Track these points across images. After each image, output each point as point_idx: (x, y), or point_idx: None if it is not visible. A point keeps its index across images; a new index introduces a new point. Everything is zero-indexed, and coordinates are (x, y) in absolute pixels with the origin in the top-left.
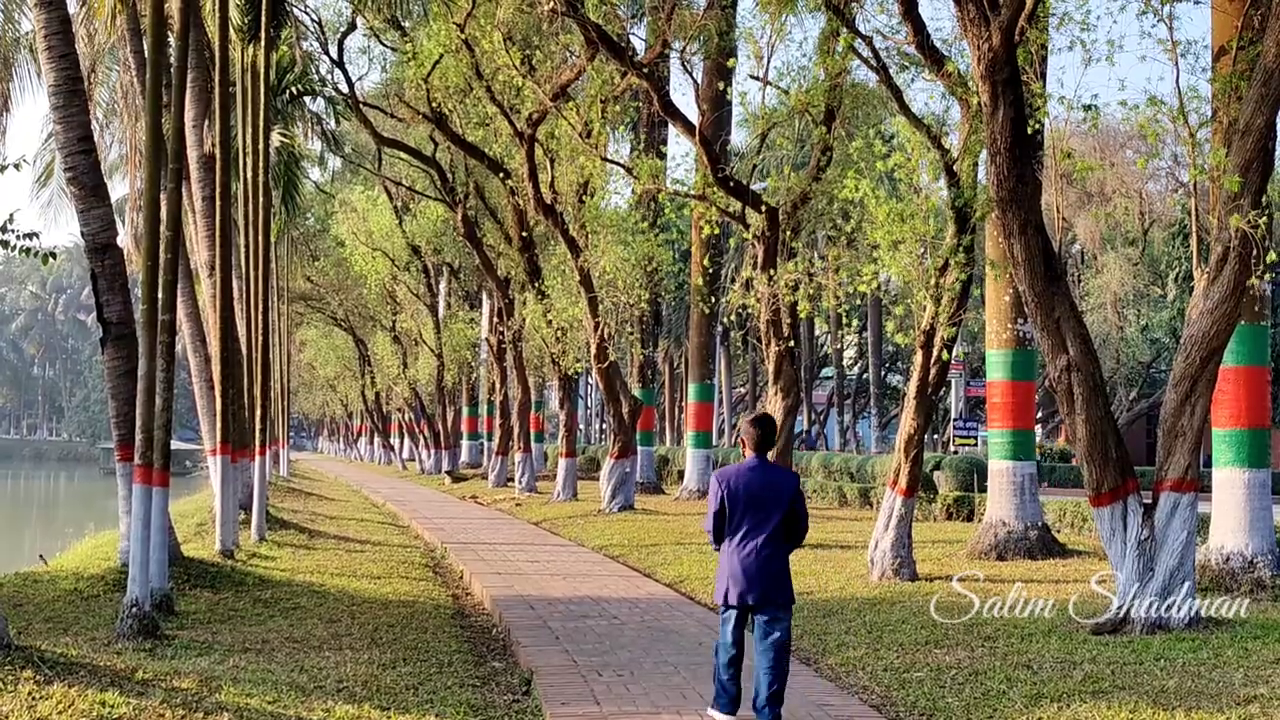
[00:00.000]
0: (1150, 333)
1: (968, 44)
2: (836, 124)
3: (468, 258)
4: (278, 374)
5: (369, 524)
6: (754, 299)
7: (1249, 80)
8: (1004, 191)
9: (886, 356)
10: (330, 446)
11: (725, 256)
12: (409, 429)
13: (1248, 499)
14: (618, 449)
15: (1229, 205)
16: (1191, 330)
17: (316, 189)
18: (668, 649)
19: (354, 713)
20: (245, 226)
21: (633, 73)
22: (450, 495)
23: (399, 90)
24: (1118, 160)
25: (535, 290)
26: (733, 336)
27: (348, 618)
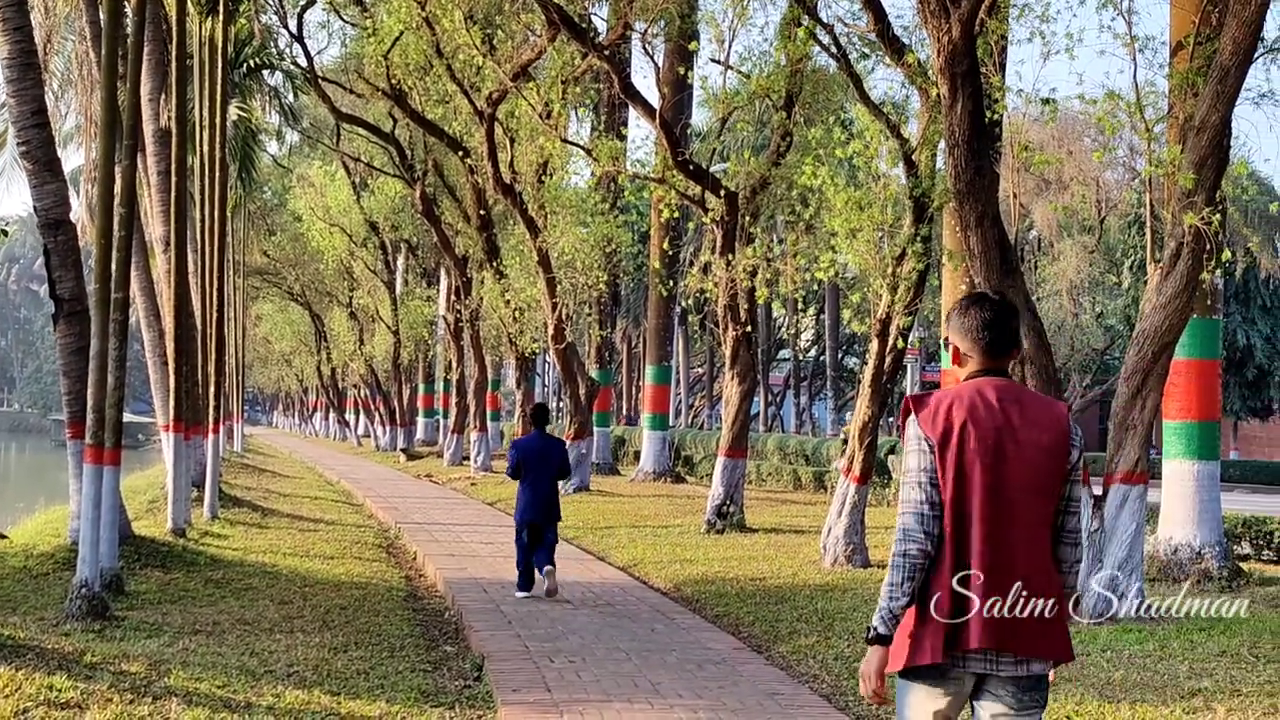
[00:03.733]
0: (1105, 320)
1: (928, 35)
2: (797, 110)
3: (426, 235)
4: (233, 349)
5: (323, 502)
6: (712, 283)
7: (1205, 77)
8: (961, 184)
9: (843, 340)
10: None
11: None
12: (364, 405)
13: (1197, 491)
14: (574, 430)
15: (1183, 201)
16: (1144, 325)
17: (274, 163)
18: (620, 635)
19: (304, 698)
20: (201, 200)
21: (594, 54)
22: (405, 473)
23: (358, 66)
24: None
25: (493, 269)
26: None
27: (300, 599)
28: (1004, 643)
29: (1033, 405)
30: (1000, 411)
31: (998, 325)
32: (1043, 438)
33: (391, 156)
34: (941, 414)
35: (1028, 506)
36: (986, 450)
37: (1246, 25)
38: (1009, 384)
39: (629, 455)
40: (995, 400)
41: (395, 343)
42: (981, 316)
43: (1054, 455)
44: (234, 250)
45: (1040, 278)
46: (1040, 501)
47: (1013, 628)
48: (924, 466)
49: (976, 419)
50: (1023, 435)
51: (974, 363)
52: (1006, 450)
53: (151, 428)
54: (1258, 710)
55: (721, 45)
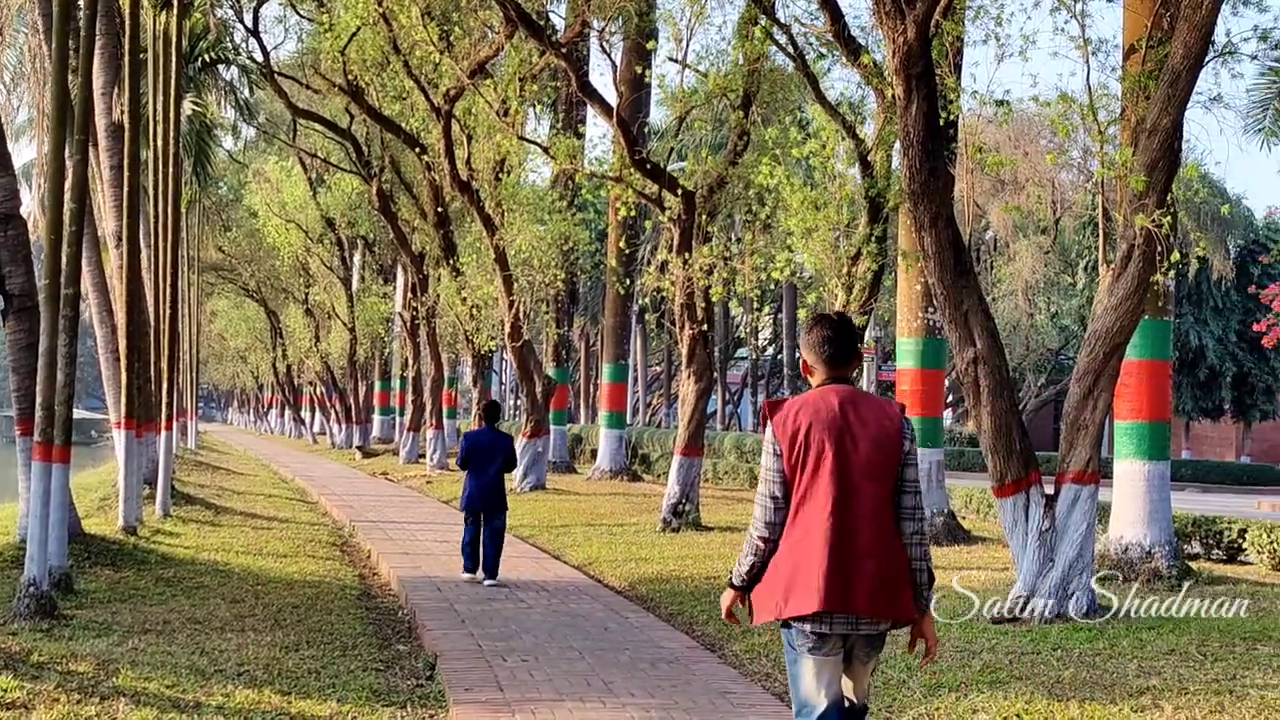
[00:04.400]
0: (1060, 320)
1: (883, 36)
2: (754, 109)
3: (382, 232)
4: (187, 345)
5: (277, 500)
6: (669, 282)
7: (1157, 80)
8: (915, 185)
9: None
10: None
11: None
12: (320, 403)
13: (1147, 491)
14: (530, 428)
15: (1134, 203)
16: (1096, 325)
17: (230, 158)
18: (574, 634)
19: (254, 698)
20: (155, 196)
21: (551, 52)
22: (360, 471)
23: (315, 61)
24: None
25: (450, 267)
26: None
27: (252, 598)
28: (851, 605)
29: (868, 407)
30: (840, 414)
31: (837, 341)
32: (877, 433)
33: (348, 152)
34: (791, 418)
35: (869, 490)
36: (830, 446)
37: (1197, 29)
38: (849, 390)
39: (586, 453)
40: (837, 404)
41: (351, 340)
42: (823, 334)
43: (887, 447)
44: (188, 246)
45: (996, 278)
46: (879, 486)
47: (857, 588)
48: (774, 467)
49: (820, 421)
50: (859, 432)
51: (820, 374)
52: (846, 445)
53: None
54: (1205, 708)
55: (679, 44)
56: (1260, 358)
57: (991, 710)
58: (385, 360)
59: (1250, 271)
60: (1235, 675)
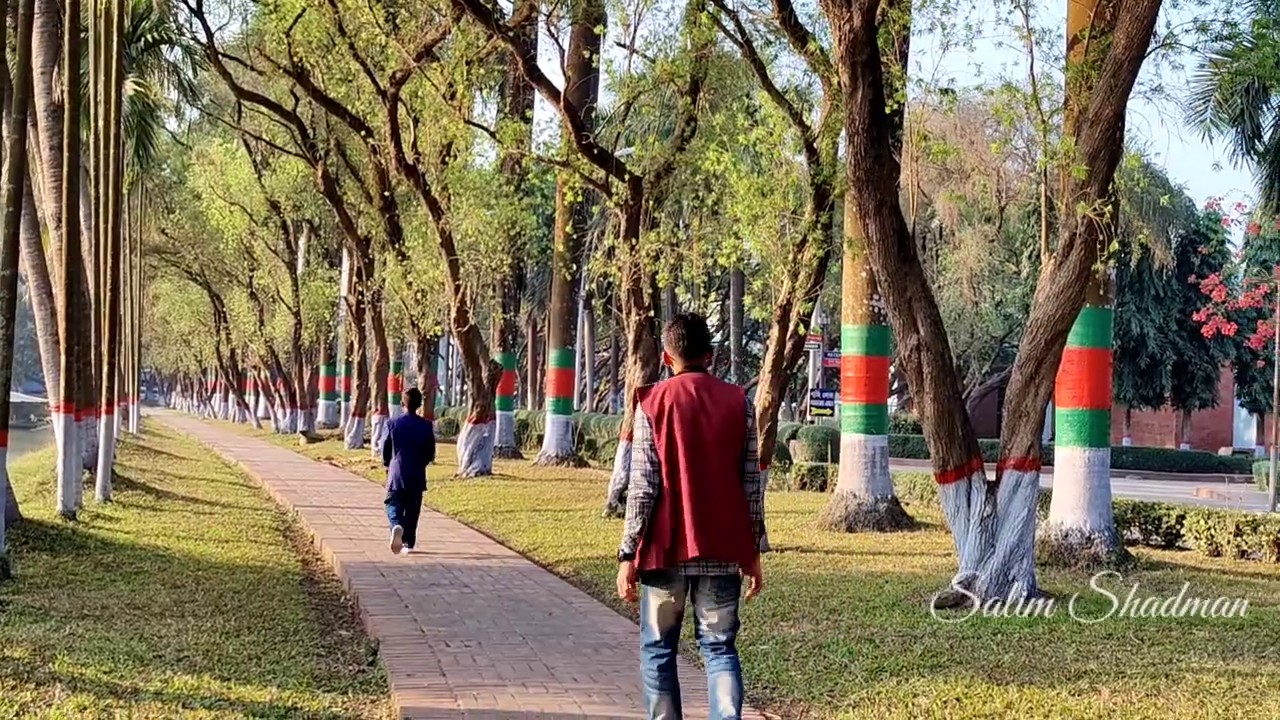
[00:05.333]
0: (1004, 308)
1: (829, 24)
2: (702, 95)
3: (328, 215)
4: (128, 328)
5: (220, 485)
6: (616, 267)
7: (1100, 70)
8: (860, 172)
9: (748, 325)
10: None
11: (590, 223)
12: (264, 387)
13: (1087, 477)
14: (476, 413)
15: (1076, 193)
16: (1037, 313)
17: (173, 140)
18: (517, 619)
19: (193, 684)
20: (96, 177)
21: (498, 36)
22: (305, 456)
23: (260, 43)
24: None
25: (396, 251)
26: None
27: (192, 583)
28: (710, 552)
29: (718, 390)
30: (695, 396)
31: (690, 337)
32: (726, 412)
33: (293, 135)
34: (657, 399)
35: (718, 458)
36: (686, 422)
37: (1139, 20)
38: (703, 377)
39: (532, 439)
40: (693, 388)
41: (296, 324)
42: (679, 332)
43: (734, 422)
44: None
45: (941, 266)
46: (727, 455)
47: (714, 538)
48: (647, 437)
49: (679, 402)
50: (711, 410)
51: (679, 364)
52: (700, 422)
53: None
54: (1141, 691)
55: (627, 29)
56: (1200, 347)
57: (932, 694)
58: (330, 345)
59: (1191, 261)
60: (1171, 659)
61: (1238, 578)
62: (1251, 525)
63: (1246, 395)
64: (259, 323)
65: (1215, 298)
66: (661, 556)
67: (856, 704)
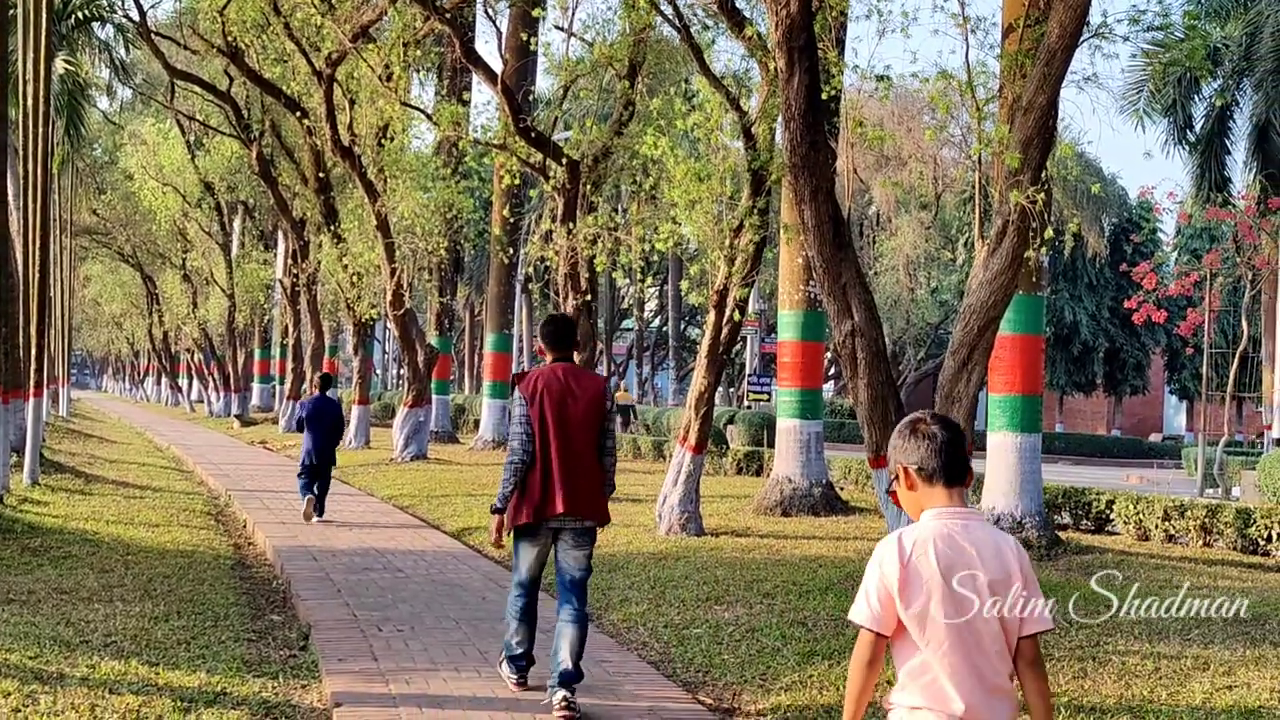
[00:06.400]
0: (940, 295)
1: (766, 9)
2: (640, 79)
3: (263, 197)
4: (58, 310)
5: (151, 469)
6: (553, 251)
7: (1034, 58)
8: (796, 158)
9: (686, 310)
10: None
11: (527, 206)
12: (198, 370)
13: (1019, 462)
14: (412, 397)
15: (1010, 180)
16: (970, 300)
17: (105, 119)
18: (450, 603)
19: (120, 669)
20: (24, 155)
21: (435, 17)
22: (239, 440)
23: (193, 21)
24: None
25: (331, 233)
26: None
27: (121, 568)
28: (572, 510)
29: (583, 378)
30: (564, 382)
31: (560, 333)
32: (588, 396)
33: (227, 115)
34: (531, 383)
35: (581, 435)
36: (556, 403)
37: (1073, 9)
38: (571, 366)
39: (469, 423)
40: (562, 375)
41: (230, 306)
42: (549, 329)
43: (594, 405)
44: (60, 208)
45: (878, 252)
46: (588, 433)
47: (576, 499)
48: (523, 414)
49: (550, 386)
50: (577, 394)
51: (550, 354)
52: (567, 403)
53: None
54: (1069, 674)
55: (565, 12)
56: (1131, 334)
57: None
58: (265, 327)
59: (1124, 249)
60: (1098, 642)
61: (1164, 562)
62: (1179, 510)
63: (1176, 382)
64: (192, 305)
65: (1146, 285)
66: (532, 512)
67: (789, 687)
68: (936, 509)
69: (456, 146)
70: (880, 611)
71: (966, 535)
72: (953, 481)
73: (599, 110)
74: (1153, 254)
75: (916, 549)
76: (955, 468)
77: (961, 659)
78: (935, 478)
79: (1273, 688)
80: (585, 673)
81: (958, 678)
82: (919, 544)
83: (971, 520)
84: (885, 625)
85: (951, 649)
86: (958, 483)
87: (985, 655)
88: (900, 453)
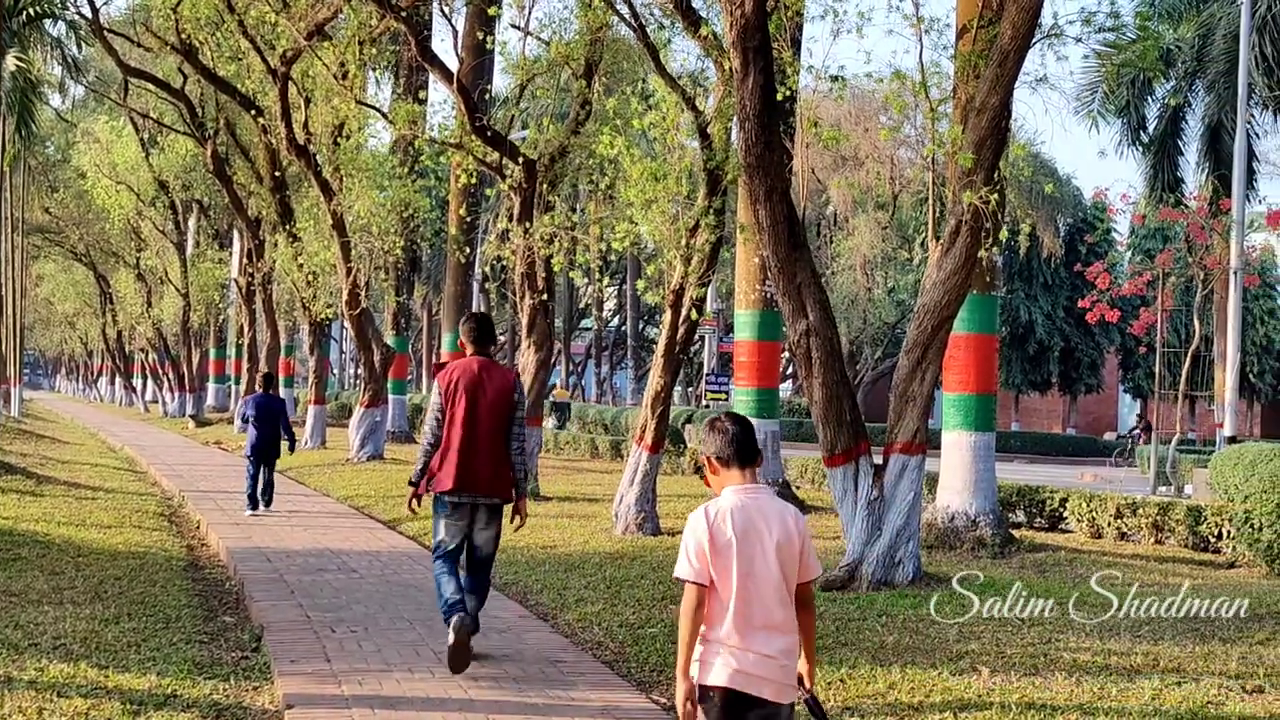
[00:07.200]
0: (897, 294)
1: (721, 9)
2: (597, 78)
3: (218, 195)
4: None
5: (104, 470)
6: (510, 251)
7: (986, 59)
8: (751, 158)
9: (645, 310)
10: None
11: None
12: (152, 370)
13: (973, 461)
14: (368, 397)
15: (963, 180)
16: (924, 299)
17: (57, 117)
18: (405, 604)
19: (69, 672)
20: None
21: (391, 15)
22: (193, 440)
23: (147, 18)
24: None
25: (287, 232)
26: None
27: (72, 570)
28: (473, 488)
29: (495, 372)
30: (478, 374)
31: (479, 330)
32: (498, 387)
33: (182, 114)
34: (449, 375)
35: (490, 422)
36: (469, 394)
37: (1025, 11)
38: (486, 360)
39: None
40: (477, 369)
41: (185, 306)
42: (468, 326)
43: (504, 395)
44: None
45: (835, 252)
46: (497, 420)
47: (478, 479)
48: (439, 401)
49: (465, 378)
50: (488, 386)
51: (469, 349)
52: (478, 395)
53: None
54: (1021, 671)
55: (522, 11)
56: (1086, 333)
57: (815, 676)
58: (220, 327)
59: (1079, 250)
60: (1050, 639)
61: (1116, 559)
62: (1131, 508)
63: (1130, 381)
64: (146, 305)
65: (1100, 285)
66: (443, 485)
67: None
68: (733, 486)
69: (413, 145)
70: (699, 566)
71: (756, 506)
72: (745, 464)
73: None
74: (1107, 254)
75: (718, 517)
76: (746, 454)
77: (747, 602)
78: (730, 463)
79: (1221, 684)
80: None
81: (742, 616)
82: (720, 513)
83: (760, 494)
84: (704, 577)
85: (743, 594)
86: (749, 464)
87: (769, 599)
88: (705, 445)
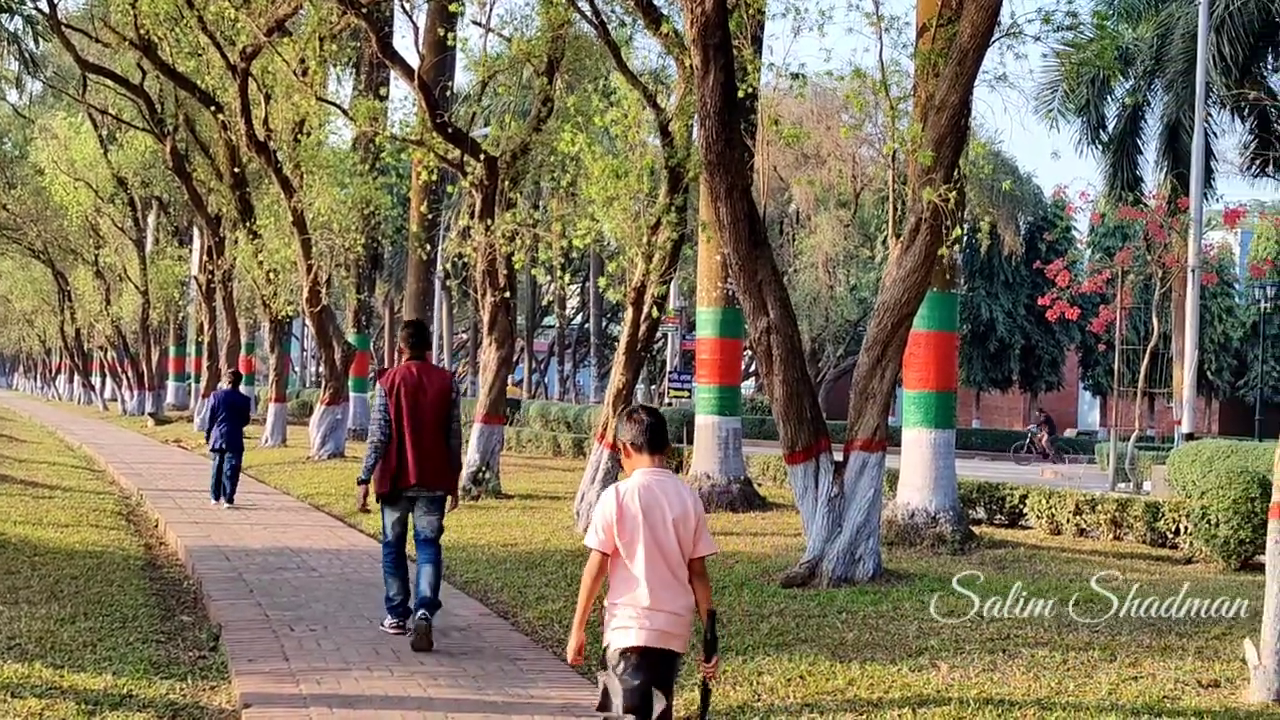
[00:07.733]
0: (859, 292)
1: (682, 6)
2: (558, 75)
3: (177, 192)
4: None
5: (61, 468)
6: (471, 248)
7: (946, 58)
8: (712, 155)
9: (608, 307)
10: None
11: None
12: (111, 368)
13: (933, 458)
14: (329, 395)
15: (923, 178)
16: (884, 297)
17: (14, 113)
18: (364, 602)
19: (23, 672)
20: None
21: (351, 12)
22: (152, 439)
23: (105, 14)
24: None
25: (247, 229)
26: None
27: (27, 569)
28: (422, 481)
29: (433, 374)
30: (417, 377)
31: (416, 336)
32: (437, 388)
33: (141, 110)
34: (390, 378)
35: (431, 421)
36: (410, 395)
37: (984, 10)
38: (424, 364)
39: None
40: (416, 371)
41: (144, 303)
42: (407, 332)
43: (443, 395)
44: None
45: (797, 250)
46: (437, 418)
47: (426, 472)
48: (383, 404)
49: (406, 380)
50: (428, 387)
51: (407, 354)
52: (419, 394)
53: None
54: (979, 666)
55: (483, 7)
56: (1046, 331)
57: (776, 672)
58: (180, 325)
59: (1039, 247)
60: (1009, 635)
61: (1075, 555)
62: (1090, 505)
63: (1090, 379)
64: (105, 302)
65: (1060, 283)
66: (389, 483)
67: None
68: (643, 469)
69: (374, 142)
70: (604, 537)
71: (660, 487)
72: (654, 451)
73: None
74: (1066, 252)
75: (627, 495)
76: (656, 442)
77: (652, 569)
78: (643, 449)
79: (1177, 678)
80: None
81: (650, 581)
82: (628, 492)
83: (665, 477)
84: (607, 546)
85: (651, 562)
86: (658, 451)
87: (669, 567)
88: (622, 433)
